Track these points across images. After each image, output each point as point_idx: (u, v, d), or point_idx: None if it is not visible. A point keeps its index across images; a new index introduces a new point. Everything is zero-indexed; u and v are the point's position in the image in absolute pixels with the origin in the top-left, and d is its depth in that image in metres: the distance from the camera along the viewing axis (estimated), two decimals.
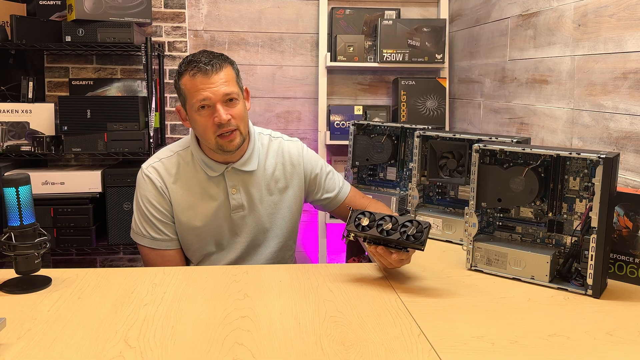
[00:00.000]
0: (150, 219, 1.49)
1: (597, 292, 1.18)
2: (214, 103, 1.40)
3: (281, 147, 1.60)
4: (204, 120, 1.42)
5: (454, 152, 1.58)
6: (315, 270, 1.34)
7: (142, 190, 1.51)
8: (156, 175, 1.50)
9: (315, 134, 2.90)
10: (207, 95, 1.39)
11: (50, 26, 2.46)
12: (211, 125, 1.41)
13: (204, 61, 1.41)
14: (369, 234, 1.24)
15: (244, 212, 1.53)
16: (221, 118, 1.40)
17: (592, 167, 1.25)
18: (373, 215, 1.25)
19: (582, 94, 1.71)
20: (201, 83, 1.39)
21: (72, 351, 0.93)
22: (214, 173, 1.50)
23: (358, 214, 1.27)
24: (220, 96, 1.40)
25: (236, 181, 1.52)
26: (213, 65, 1.40)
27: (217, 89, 1.40)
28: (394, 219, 1.23)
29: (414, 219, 1.22)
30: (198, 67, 1.40)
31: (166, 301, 1.13)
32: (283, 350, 0.93)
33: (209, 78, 1.40)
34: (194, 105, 1.41)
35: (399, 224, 1.22)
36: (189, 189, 1.50)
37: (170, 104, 2.80)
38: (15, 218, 1.16)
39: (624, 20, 1.51)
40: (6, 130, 2.44)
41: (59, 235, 2.42)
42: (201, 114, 1.42)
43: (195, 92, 1.40)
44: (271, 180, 1.56)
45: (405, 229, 1.21)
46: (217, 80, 1.40)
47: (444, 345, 0.96)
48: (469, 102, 2.60)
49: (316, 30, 2.86)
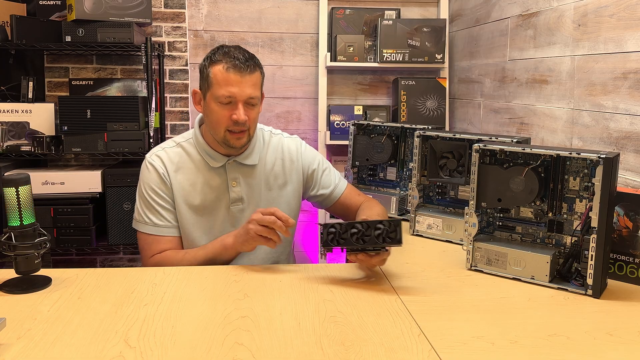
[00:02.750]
0: (153, 205, 1.51)
1: (597, 292, 1.18)
2: (237, 101, 1.44)
3: (281, 143, 1.63)
4: (222, 113, 1.45)
5: (454, 152, 1.58)
6: (315, 270, 1.34)
7: (145, 177, 1.53)
8: (159, 163, 1.52)
9: (315, 134, 2.90)
10: (234, 93, 1.43)
11: (50, 26, 2.46)
12: (226, 120, 1.45)
13: (241, 59, 1.44)
14: (345, 245, 1.25)
15: (242, 205, 1.55)
16: (240, 117, 1.44)
17: (592, 167, 1.25)
18: (342, 225, 1.25)
19: (582, 94, 1.71)
20: (233, 79, 1.43)
21: (72, 351, 0.93)
22: (216, 164, 1.53)
23: (328, 229, 1.26)
24: (245, 97, 1.44)
25: (237, 174, 1.54)
26: (248, 67, 1.44)
27: (244, 90, 1.44)
28: (364, 224, 1.24)
29: (384, 220, 1.23)
30: (234, 63, 1.43)
31: (166, 301, 1.13)
32: (283, 350, 0.93)
33: (241, 77, 1.43)
34: (219, 96, 1.44)
35: (370, 228, 1.23)
36: (191, 179, 1.52)
37: (170, 104, 2.80)
38: (15, 218, 1.16)
39: (624, 20, 1.51)
40: (6, 130, 2.44)
41: (59, 235, 2.42)
42: (221, 106, 1.45)
43: (224, 85, 1.43)
44: (270, 176, 1.59)
45: (379, 231, 1.22)
46: (247, 81, 1.44)
47: (444, 345, 0.96)
48: (469, 102, 2.60)
49: (316, 30, 2.86)
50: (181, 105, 2.81)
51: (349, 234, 1.24)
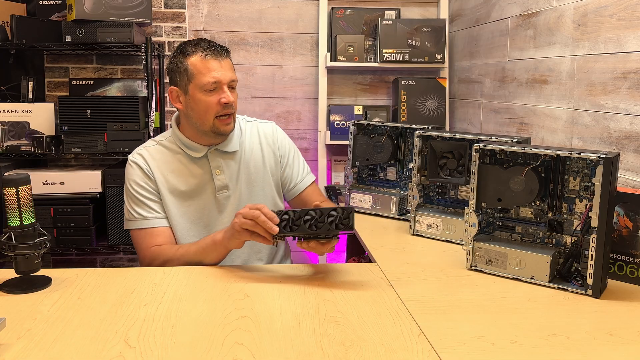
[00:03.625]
0: (140, 199, 1.52)
1: (597, 292, 1.18)
2: (222, 85, 1.48)
3: (257, 128, 1.67)
4: (210, 100, 1.48)
5: (454, 152, 1.58)
6: (315, 270, 1.34)
7: (129, 174, 1.55)
8: (141, 160, 1.55)
9: (315, 134, 2.90)
10: (219, 77, 1.47)
11: (50, 26, 2.46)
12: (215, 106, 1.48)
13: (215, 46, 1.49)
14: (298, 233, 1.25)
15: (228, 192, 1.57)
16: (229, 99, 1.48)
17: (592, 167, 1.25)
18: (296, 212, 1.25)
19: (582, 94, 1.71)
20: (214, 65, 1.47)
21: (72, 351, 0.93)
22: (198, 154, 1.55)
23: (282, 215, 1.26)
24: (228, 80, 1.49)
25: (219, 162, 1.57)
26: (224, 51, 1.50)
27: (226, 73, 1.49)
28: (317, 211, 1.24)
29: (337, 207, 1.24)
30: (210, 50, 1.48)
31: (166, 301, 1.13)
32: (283, 350, 0.93)
33: (220, 62, 1.48)
34: (204, 85, 1.47)
35: (324, 215, 1.23)
36: (174, 172, 1.54)
37: (170, 104, 2.80)
38: (15, 218, 1.16)
39: (624, 20, 1.51)
40: (6, 130, 2.44)
41: (59, 235, 2.42)
42: (208, 94, 1.48)
43: (207, 72, 1.47)
44: (250, 161, 1.61)
45: (332, 218, 1.23)
46: (225, 65, 1.49)
47: (444, 345, 0.96)
48: (469, 102, 2.60)
49: (316, 30, 2.86)
50: None
51: (302, 220, 1.24)
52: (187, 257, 1.41)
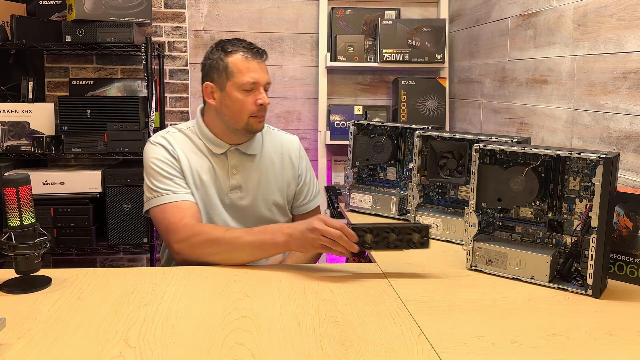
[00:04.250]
0: (165, 175, 1.49)
1: (597, 292, 1.17)
2: (259, 86, 1.51)
3: (279, 138, 1.68)
4: (246, 100, 1.49)
5: (454, 152, 1.58)
6: (315, 270, 1.34)
7: (153, 153, 1.52)
8: (165, 142, 1.54)
9: (315, 134, 2.90)
10: (257, 78, 1.50)
11: (50, 26, 2.46)
12: (251, 105, 1.50)
13: (256, 48, 1.53)
14: (376, 249, 1.30)
15: (241, 193, 1.57)
16: (265, 101, 1.51)
17: (592, 167, 1.25)
18: (373, 230, 1.29)
19: (582, 94, 1.71)
20: (254, 66, 1.50)
21: (72, 351, 0.93)
22: (219, 150, 1.55)
23: (359, 232, 1.28)
24: (265, 82, 1.52)
25: (237, 162, 1.57)
26: (263, 54, 1.54)
27: (264, 75, 1.52)
28: (396, 230, 1.29)
29: (413, 224, 1.29)
30: (252, 51, 1.51)
31: (166, 301, 1.13)
32: (283, 350, 0.93)
33: (259, 64, 1.52)
34: (243, 84, 1.48)
35: (402, 234, 1.29)
36: (195, 160, 1.54)
37: (170, 104, 2.80)
38: (15, 218, 1.16)
39: (624, 20, 1.51)
40: (6, 130, 2.44)
41: (59, 235, 2.42)
42: (245, 94, 1.50)
43: (246, 72, 1.49)
44: (268, 167, 1.62)
45: (410, 236, 1.29)
46: (264, 68, 1.53)
47: (444, 345, 0.96)
48: (469, 102, 2.60)
49: (316, 30, 2.86)
50: (181, 105, 2.81)
51: (380, 237, 1.29)
52: (238, 245, 1.33)
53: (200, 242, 1.35)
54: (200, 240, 1.35)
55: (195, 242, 1.35)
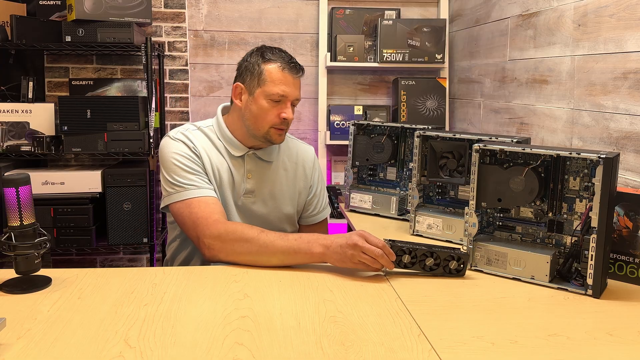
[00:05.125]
0: (190, 170, 1.47)
1: (597, 292, 1.18)
2: (287, 100, 1.51)
3: (296, 148, 1.68)
4: (271, 111, 1.49)
5: (454, 152, 1.58)
6: (315, 270, 1.34)
7: (174, 148, 1.50)
8: (185, 138, 1.53)
9: (315, 134, 2.90)
10: (287, 92, 1.49)
11: (50, 26, 2.46)
12: (274, 117, 1.50)
13: (295, 62, 1.53)
14: (410, 269, 1.30)
15: (253, 198, 1.57)
16: (289, 116, 1.50)
17: (592, 167, 1.25)
18: (412, 251, 1.29)
19: (582, 94, 1.71)
20: (288, 79, 1.50)
21: (72, 351, 0.93)
22: (237, 152, 1.55)
23: (397, 250, 1.29)
24: (294, 98, 1.52)
25: (253, 167, 1.57)
26: (300, 70, 1.53)
27: (295, 91, 1.52)
28: (435, 255, 1.29)
29: (454, 251, 1.29)
30: (290, 64, 1.51)
31: (166, 301, 1.13)
32: (283, 350, 0.93)
33: (294, 79, 1.51)
34: (272, 94, 1.48)
35: (441, 259, 1.29)
36: (214, 159, 1.54)
37: (170, 104, 2.80)
38: (15, 218, 1.16)
39: (624, 20, 1.51)
40: (6, 130, 2.44)
41: (59, 235, 2.42)
42: (272, 104, 1.49)
43: (279, 83, 1.49)
44: (283, 175, 1.62)
45: (447, 262, 1.29)
46: (297, 84, 1.53)
47: (444, 345, 0.96)
48: (469, 102, 2.60)
49: (316, 30, 2.86)
50: (181, 105, 2.81)
51: (417, 259, 1.29)
52: (272, 248, 1.31)
53: (234, 240, 1.34)
54: (234, 237, 1.34)
55: (228, 238, 1.34)
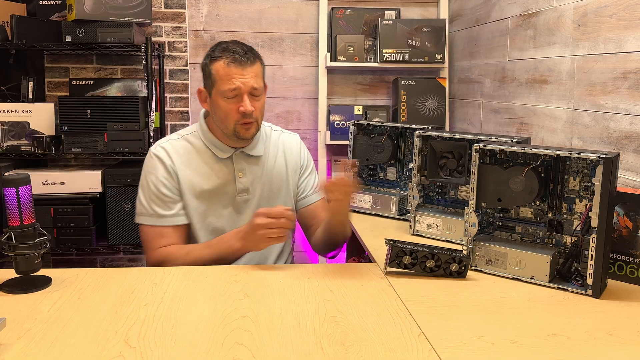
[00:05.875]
0: (158, 196, 1.51)
1: (597, 292, 1.18)
2: (242, 93, 1.47)
3: (281, 139, 1.68)
4: (229, 107, 1.48)
5: (454, 152, 1.58)
6: (315, 270, 1.34)
7: (150, 168, 1.54)
8: (164, 155, 1.54)
9: (315, 134, 2.90)
10: (238, 85, 1.46)
11: (50, 26, 2.46)
12: (234, 113, 1.48)
13: (240, 52, 1.48)
14: (411, 269, 1.31)
15: (248, 195, 1.57)
16: (247, 108, 1.47)
17: (592, 167, 1.25)
18: (413, 252, 1.30)
19: (582, 94, 1.71)
20: (235, 73, 1.46)
21: (72, 351, 0.93)
22: (223, 155, 1.55)
23: (398, 251, 1.29)
24: (249, 88, 1.48)
25: (243, 165, 1.57)
26: (248, 58, 1.48)
27: (247, 81, 1.47)
28: (436, 257, 1.29)
29: (455, 253, 1.29)
30: (234, 57, 1.47)
31: (166, 301, 1.13)
32: (283, 350, 0.93)
33: (243, 69, 1.47)
34: (224, 92, 1.48)
35: (442, 261, 1.29)
36: (197, 170, 1.54)
37: (170, 104, 2.80)
38: (15, 218, 1.16)
39: (624, 20, 1.51)
40: (6, 130, 2.44)
41: (59, 235, 2.42)
42: (228, 101, 1.48)
43: (227, 80, 1.47)
44: (273, 168, 1.62)
45: (448, 265, 1.29)
46: (248, 73, 1.47)
47: (444, 345, 0.96)
48: (469, 102, 2.60)
49: (316, 30, 2.86)
50: (181, 105, 2.81)
51: (418, 260, 1.30)
52: (201, 262, 1.43)
53: (168, 263, 1.45)
54: (168, 262, 1.45)
55: (164, 264, 1.45)
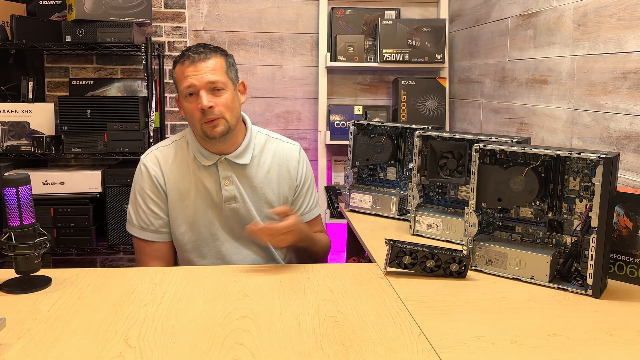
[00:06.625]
0: (144, 209, 1.53)
1: (597, 292, 1.18)
2: (198, 90, 1.45)
3: (280, 148, 1.63)
4: (191, 107, 1.47)
5: (454, 152, 1.58)
6: (315, 270, 1.34)
7: (139, 179, 1.55)
8: (153, 165, 1.54)
9: (315, 134, 2.90)
10: (192, 82, 1.44)
11: (50, 26, 2.46)
12: (197, 112, 1.46)
13: (194, 50, 1.47)
14: (410, 269, 1.31)
15: (236, 204, 1.54)
16: (202, 104, 1.43)
17: (592, 167, 1.25)
18: (413, 252, 1.30)
19: (582, 94, 1.71)
20: (188, 71, 1.45)
21: (72, 351, 0.93)
22: (207, 162, 1.53)
23: (398, 251, 1.30)
24: (205, 83, 1.44)
25: (229, 173, 1.54)
26: (200, 54, 1.46)
27: (201, 77, 1.44)
28: (436, 257, 1.29)
29: (455, 253, 1.29)
30: (187, 55, 1.47)
31: (166, 301, 1.13)
32: (283, 350, 0.93)
33: (196, 66, 1.45)
34: (183, 92, 1.47)
35: (442, 261, 1.29)
36: (184, 177, 1.53)
37: (170, 104, 2.80)
38: (15, 218, 1.16)
39: (624, 20, 1.51)
40: (6, 130, 2.44)
41: (59, 235, 2.42)
42: (188, 100, 1.47)
43: (182, 79, 1.46)
44: (264, 177, 1.58)
45: (448, 265, 1.29)
46: (203, 69, 1.45)
47: (444, 345, 0.96)
48: (469, 102, 2.60)
49: (316, 30, 2.86)
50: None
51: (418, 260, 1.30)
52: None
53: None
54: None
55: None
